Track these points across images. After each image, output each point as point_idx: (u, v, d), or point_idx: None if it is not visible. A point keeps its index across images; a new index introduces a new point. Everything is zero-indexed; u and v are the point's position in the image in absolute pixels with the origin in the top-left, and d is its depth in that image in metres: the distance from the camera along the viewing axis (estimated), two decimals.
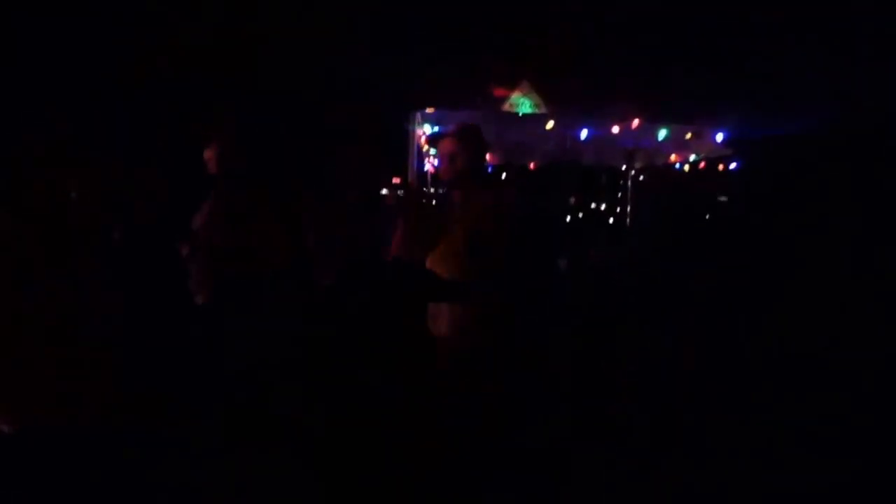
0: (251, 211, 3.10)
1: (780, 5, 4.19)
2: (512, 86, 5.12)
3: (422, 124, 5.24)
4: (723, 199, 7.47)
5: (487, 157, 6.65)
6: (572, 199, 8.05)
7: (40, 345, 1.87)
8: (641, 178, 7.13)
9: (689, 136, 5.67)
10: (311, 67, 4.44)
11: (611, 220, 7.61)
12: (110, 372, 1.98)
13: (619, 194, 7.54)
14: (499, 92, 5.10)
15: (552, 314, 3.74)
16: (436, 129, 5.69)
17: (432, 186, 7.33)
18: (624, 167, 7.18)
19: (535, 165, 7.46)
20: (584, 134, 5.50)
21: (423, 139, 5.63)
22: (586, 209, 7.93)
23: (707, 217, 6.82)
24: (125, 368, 2.02)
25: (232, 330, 2.68)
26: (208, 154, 3.31)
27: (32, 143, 2.07)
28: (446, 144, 2.91)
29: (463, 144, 2.87)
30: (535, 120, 5.29)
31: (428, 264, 2.64)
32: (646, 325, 4.26)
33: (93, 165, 2.07)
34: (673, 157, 6.66)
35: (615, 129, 5.37)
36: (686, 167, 6.62)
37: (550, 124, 5.33)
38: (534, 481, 2.73)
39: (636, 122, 5.26)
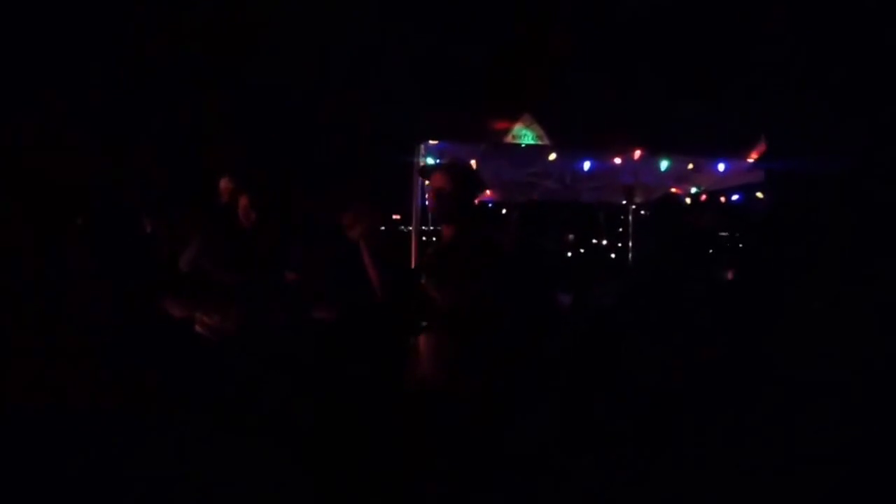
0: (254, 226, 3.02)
1: (790, 35, 4.23)
2: (514, 118, 5.12)
3: (426, 157, 5.20)
4: (723, 234, 7.48)
5: (487, 192, 6.66)
6: (571, 236, 8.03)
7: (29, 329, 1.82)
8: (643, 212, 7.14)
9: (690, 166, 5.69)
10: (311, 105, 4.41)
11: (612, 256, 7.58)
12: (98, 357, 1.93)
13: (620, 230, 7.53)
14: (501, 124, 5.10)
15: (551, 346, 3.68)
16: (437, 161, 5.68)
17: (432, 222, 7.32)
18: (624, 202, 7.20)
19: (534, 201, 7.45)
20: (586, 166, 5.50)
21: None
22: (588, 246, 7.90)
23: (710, 251, 6.80)
24: (113, 354, 1.96)
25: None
26: (224, 185, 3.22)
27: (23, 127, 2.04)
28: (436, 179, 2.78)
29: (451, 179, 2.72)
30: (538, 151, 5.27)
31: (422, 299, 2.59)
32: (646, 344, 4.18)
33: (85, 152, 2.04)
34: (674, 189, 6.68)
35: (617, 161, 5.36)
36: (688, 200, 6.62)
37: (553, 156, 5.32)
38: (522, 483, 2.62)
39: (638, 153, 5.25)
